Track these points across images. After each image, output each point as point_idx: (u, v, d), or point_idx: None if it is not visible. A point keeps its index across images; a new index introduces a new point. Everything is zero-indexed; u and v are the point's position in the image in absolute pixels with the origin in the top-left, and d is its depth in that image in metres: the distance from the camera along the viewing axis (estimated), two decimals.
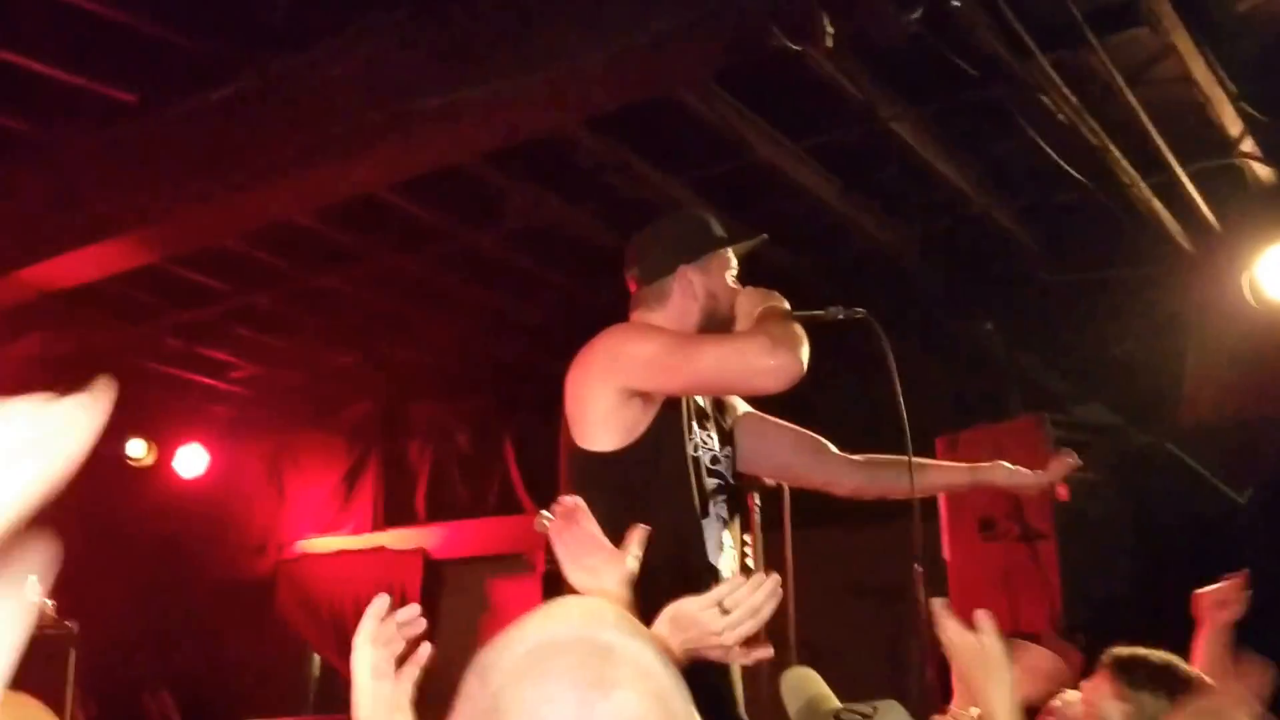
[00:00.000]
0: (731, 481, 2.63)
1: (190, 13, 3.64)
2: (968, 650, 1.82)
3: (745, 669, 2.29)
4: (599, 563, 1.89)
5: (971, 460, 4.94)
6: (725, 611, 1.75)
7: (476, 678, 0.96)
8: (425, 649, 1.67)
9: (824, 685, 2.66)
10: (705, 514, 2.46)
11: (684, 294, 2.63)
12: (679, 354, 2.40)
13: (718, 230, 2.73)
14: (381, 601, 1.63)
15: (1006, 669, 1.79)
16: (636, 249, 2.70)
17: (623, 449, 2.41)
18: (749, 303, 2.55)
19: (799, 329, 2.40)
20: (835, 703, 2.54)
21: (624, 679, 0.92)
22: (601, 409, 2.41)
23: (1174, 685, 2.31)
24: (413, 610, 1.66)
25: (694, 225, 2.73)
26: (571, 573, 1.92)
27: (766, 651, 1.87)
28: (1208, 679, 2.34)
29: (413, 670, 1.65)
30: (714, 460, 2.57)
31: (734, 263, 2.69)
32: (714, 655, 1.81)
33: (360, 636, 1.59)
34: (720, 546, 2.47)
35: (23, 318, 5.43)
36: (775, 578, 1.80)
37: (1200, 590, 2.87)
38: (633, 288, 2.71)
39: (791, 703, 2.57)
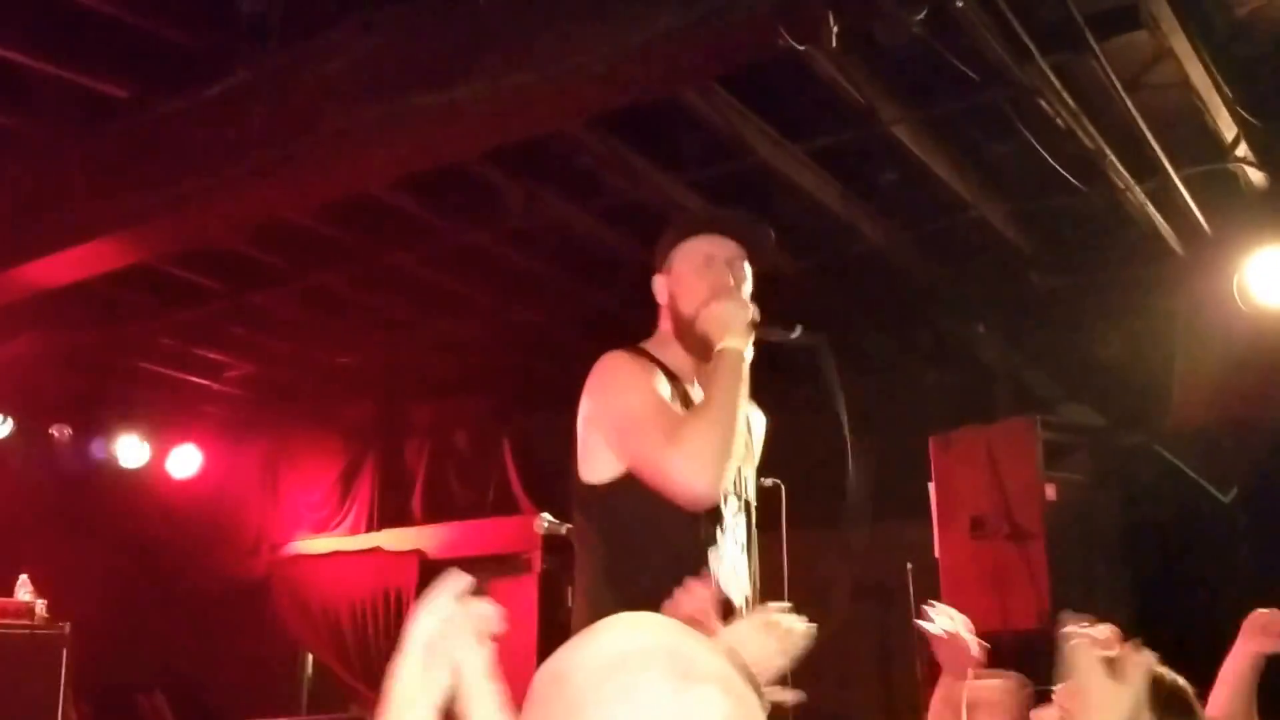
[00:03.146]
0: (752, 499, 2.52)
1: (183, 7, 3.63)
2: (1099, 683, 1.80)
3: None
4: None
5: (965, 461, 5.02)
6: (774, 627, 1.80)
7: (554, 685, 0.99)
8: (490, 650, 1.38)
9: None
10: (713, 541, 2.31)
11: (663, 306, 2.50)
12: (626, 435, 2.28)
13: (686, 220, 2.57)
14: (463, 580, 1.34)
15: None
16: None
17: (615, 480, 2.30)
18: (715, 322, 2.34)
19: (723, 432, 2.20)
20: None
21: (709, 677, 0.97)
22: (591, 442, 2.35)
23: None
24: (493, 609, 1.36)
25: (671, 228, 2.53)
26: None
27: (799, 695, 1.91)
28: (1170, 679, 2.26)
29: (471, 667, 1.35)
30: (733, 484, 2.40)
31: (705, 247, 2.45)
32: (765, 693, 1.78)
33: (432, 611, 1.33)
34: (734, 572, 2.35)
35: (14, 317, 5.41)
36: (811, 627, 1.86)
37: (1261, 611, 2.78)
38: None
39: None
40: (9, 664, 5.53)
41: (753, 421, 2.58)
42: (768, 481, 3.88)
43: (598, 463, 2.32)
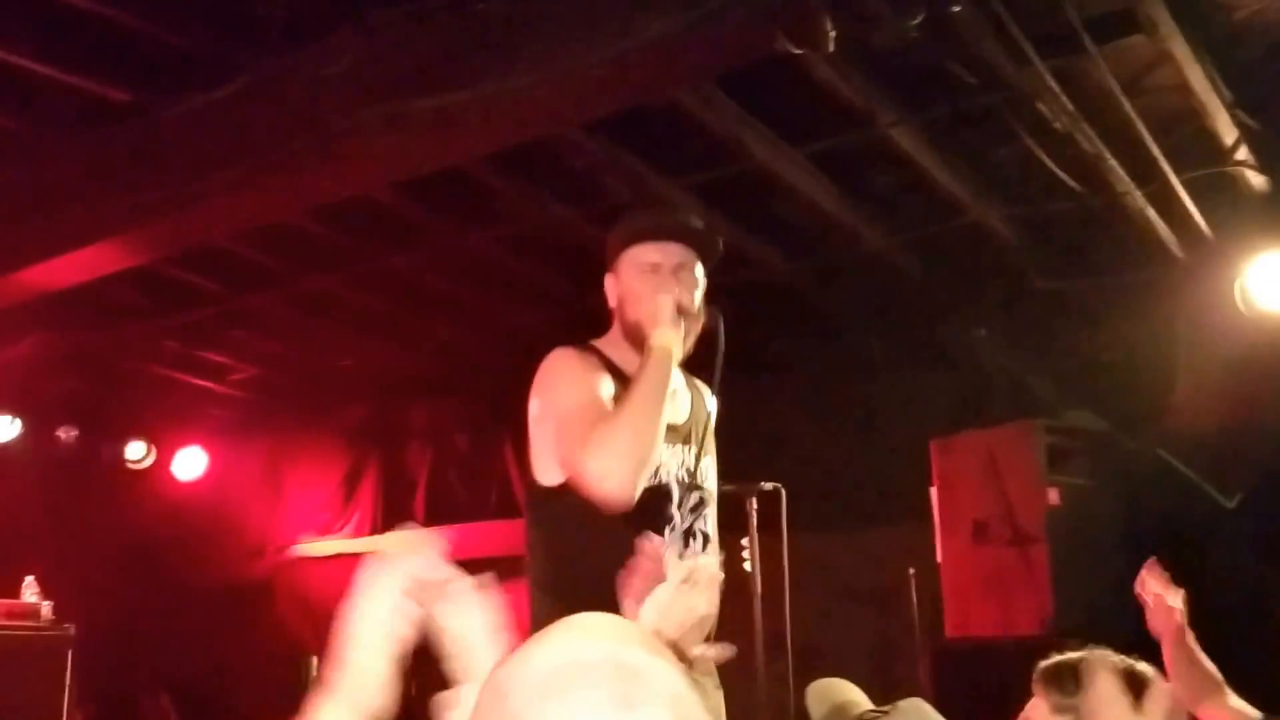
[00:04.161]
0: (715, 489, 2.49)
1: (184, 12, 3.63)
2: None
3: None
4: (680, 604, 1.75)
5: (967, 465, 5.01)
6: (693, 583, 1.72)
7: (493, 695, 0.93)
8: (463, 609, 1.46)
9: (855, 692, 2.64)
10: (663, 537, 2.26)
11: (613, 306, 2.50)
12: (557, 433, 2.28)
13: (632, 223, 2.55)
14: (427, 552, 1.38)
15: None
16: None
17: (565, 481, 2.28)
18: (647, 314, 2.35)
19: (636, 432, 2.20)
20: (865, 707, 2.52)
21: (649, 700, 0.90)
22: (540, 441, 2.34)
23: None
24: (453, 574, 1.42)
25: (621, 227, 2.54)
26: (663, 627, 1.72)
27: (729, 650, 1.84)
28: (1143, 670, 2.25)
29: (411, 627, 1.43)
30: (689, 475, 2.40)
31: (650, 254, 2.44)
32: (695, 654, 1.76)
33: (385, 571, 1.37)
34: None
35: (19, 319, 5.44)
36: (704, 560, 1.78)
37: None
38: None
39: (816, 710, 2.56)
40: (14, 666, 5.55)
41: (707, 404, 2.56)
42: (768, 485, 3.89)
43: (548, 462, 2.32)
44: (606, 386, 2.34)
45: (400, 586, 1.38)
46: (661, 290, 2.37)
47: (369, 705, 1.34)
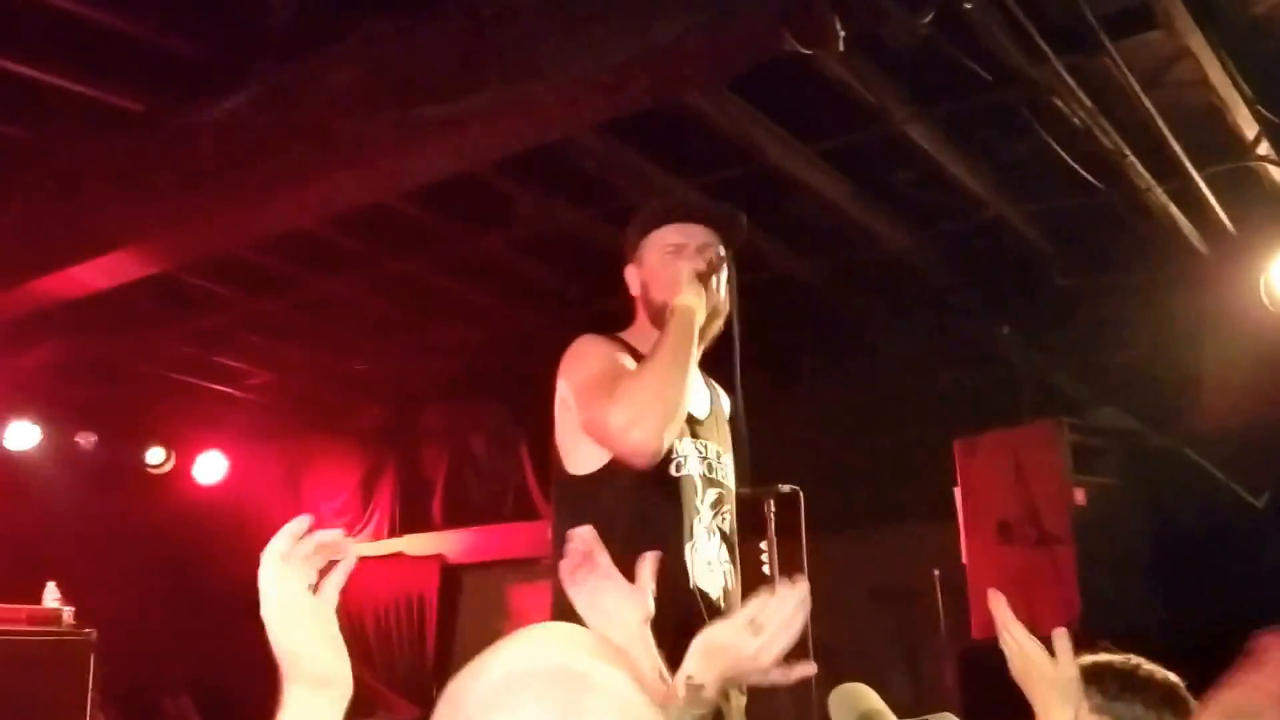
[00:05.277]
0: (734, 488, 2.45)
1: (195, 22, 3.64)
2: (1034, 664, 1.76)
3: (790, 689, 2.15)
4: (617, 602, 1.73)
5: (991, 465, 4.96)
6: (757, 631, 1.63)
7: (448, 706, 0.94)
8: (350, 559, 1.47)
9: (878, 700, 2.60)
10: (690, 535, 2.26)
11: (636, 295, 2.47)
12: (580, 400, 2.24)
13: (653, 207, 2.52)
14: (301, 521, 1.44)
15: (1078, 692, 1.74)
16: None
17: (596, 471, 2.26)
18: (668, 283, 2.34)
19: (662, 383, 2.17)
20: (890, 718, 2.48)
21: (598, 709, 0.90)
22: (568, 426, 2.30)
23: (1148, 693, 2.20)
24: (335, 534, 1.45)
25: (640, 217, 2.50)
26: (588, 616, 1.73)
27: (810, 668, 1.71)
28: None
29: (336, 582, 1.45)
30: (710, 469, 2.37)
31: (673, 235, 2.42)
32: (755, 680, 1.70)
33: (269, 553, 1.40)
34: (710, 565, 2.29)
35: (38, 327, 5.47)
36: (803, 585, 1.66)
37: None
38: None
39: (841, 717, 2.52)
40: (37, 670, 5.58)
41: (723, 403, 2.53)
42: (785, 488, 3.85)
43: (580, 452, 2.28)
44: (630, 363, 2.31)
45: (290, 558, 1.40)
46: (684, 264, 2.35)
47: (326, 677, 1.36)
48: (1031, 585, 4.65)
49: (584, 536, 1.81)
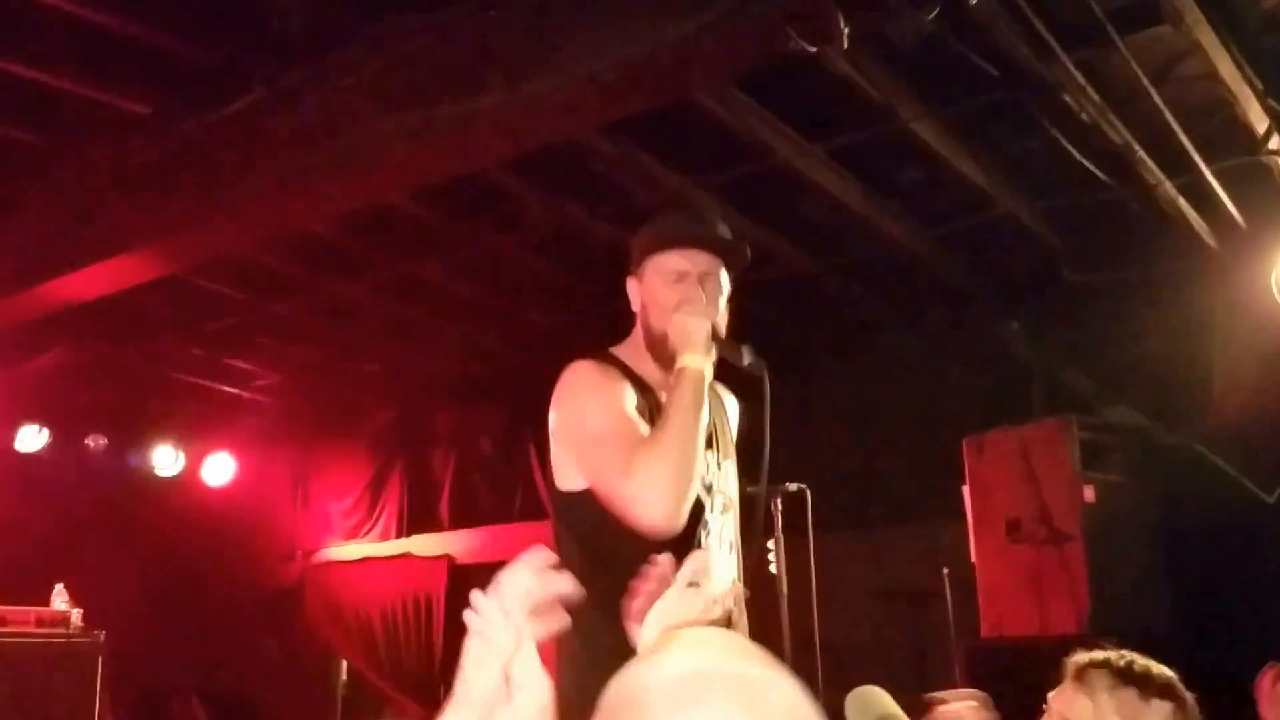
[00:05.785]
0: (737, 494, 2.44)
1: (203, 26, 3.65)
2: None
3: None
4: (680, 608, 1.69)
5: (1000, 463, 4.95)
6: (696, 584, 1.66)
7: (625, 701, 1.00)
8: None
9: (893, 704, 2.59)
10: (698, 545, 2.23)
11: (636, 310, 2.42)
12: (587, 463, 2.21)
13: (658, 229, 2.45)
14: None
15: None
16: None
17: (588, 489, 2.23)
18: (676, 336, 2.28)
19: (679, 459, 2.13)
20: None
21: (777, 708, 0.98)
22: (559, 453, 2.29)
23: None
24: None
25: (645, 230, 2.45)
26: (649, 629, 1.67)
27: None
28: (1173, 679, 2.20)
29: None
30: (712, 480, 2.34)
31: (677, 262, 2.36)
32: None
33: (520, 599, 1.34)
34: (718, 573, 2.21)
35: (48, 330, 5.48)
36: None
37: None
38: None
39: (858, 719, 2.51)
40: (46, 672, 5.60)
41: (727, 408, 2.52)
42: (793, 486, 3.84)
43: (569, 471, 2.27)
44: (630, 399, 2.27)
45: (517, 608, 1.36)
46: (690, 304, 2.31)
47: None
48: (1041, 583, 4.64)
49: (658, 573, 1.75)
